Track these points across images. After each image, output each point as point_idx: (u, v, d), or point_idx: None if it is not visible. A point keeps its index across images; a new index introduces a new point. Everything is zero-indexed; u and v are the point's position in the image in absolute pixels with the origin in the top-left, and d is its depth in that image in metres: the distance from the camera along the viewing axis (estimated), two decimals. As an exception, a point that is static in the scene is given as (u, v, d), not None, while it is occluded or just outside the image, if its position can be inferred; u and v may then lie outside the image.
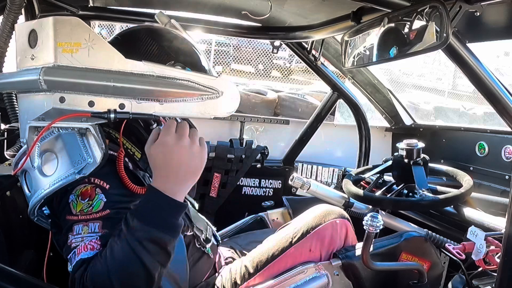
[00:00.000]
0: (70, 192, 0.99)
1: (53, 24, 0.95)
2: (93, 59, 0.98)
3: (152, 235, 0.91)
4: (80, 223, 0.96)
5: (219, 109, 1.10)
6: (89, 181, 0.99)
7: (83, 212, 0.97)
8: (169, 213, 0.96)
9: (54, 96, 0.98)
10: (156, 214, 0.94)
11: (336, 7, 1.51)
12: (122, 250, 0.90)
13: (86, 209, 0.97)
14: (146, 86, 1.02)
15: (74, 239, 0.95)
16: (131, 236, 0.90)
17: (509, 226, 1.08)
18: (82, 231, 0.96)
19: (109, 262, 0.89)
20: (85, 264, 0.92)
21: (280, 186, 2.47)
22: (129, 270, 0.90)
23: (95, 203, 0.98)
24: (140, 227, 0.91)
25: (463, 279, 1.42)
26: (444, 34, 1.07)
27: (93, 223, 0.96)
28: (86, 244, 0.94)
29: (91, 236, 0.95)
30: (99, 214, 0.97)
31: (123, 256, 0.90)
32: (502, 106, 1.31)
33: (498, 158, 2.00)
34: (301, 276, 1.32)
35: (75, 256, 0.94)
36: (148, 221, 0.92)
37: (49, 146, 1.00)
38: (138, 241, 0.90)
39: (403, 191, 1.71)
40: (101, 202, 0.98)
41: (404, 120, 2.54)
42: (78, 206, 0.98)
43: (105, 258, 0.90)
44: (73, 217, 0.97)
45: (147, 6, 1.89)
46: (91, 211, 0.97)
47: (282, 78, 9.66)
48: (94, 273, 0.89)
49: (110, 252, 0.90)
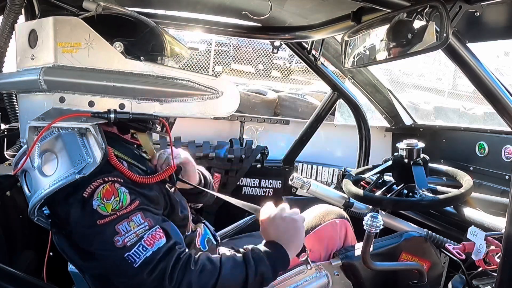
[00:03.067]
0: (91, 199, 0.97)
1: (53, 24, 0.96)
2: (93, 59, 0.99)
3: (265, 272, 1.06)
4: (123, 221, 0.97)
5: (219, 109, 1.10)
6: (104, 181, 0.99)
7: (116, 210, 0.97)
8: (281, 265, 1.11)
9: (54, 96, 0.98)
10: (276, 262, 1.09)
11: (336, 7, 1.51)
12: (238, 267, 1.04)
13: (117, 206, 0.97)
14: (146, 86, 1.03)
15: (127, 238, 0.95)
16: (251, 262, 1.05)
17: (509, 226, 1.08)
18: (130, 227, 0.96)
19: (223, 267, 1.02)
20: (171, 252, 0.97)
21: (280, 186, 2.47)
22: (233, 283, 1.03)
23: (122, 197, 0.98)
24: (262, 262, 1.06)
25: (463, 279, 1.42)
26: (444, 34, 1.06)
27: (136, 216, 0.98)
28: (154, 235, 0.97)
29: (143, 227, 0.97)
30: (134, 205, 0.99)
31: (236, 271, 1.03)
32: (502, 106, 1.31)
33: (498, 158, 2.00)
34: (301, 276, 1.33)
35: (145, 248, 0.95)
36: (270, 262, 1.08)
37: (49, 146, 1.00)
38: (255, 268, 1.04)
39: (403, 191, 1.71)
40: (126, 195, 0.99)
41: (404, 120, 2.54)
42: (108, 207, 0.97)
43: (219, 261, 1.03)
44: (109, 219, 0.96)
45: (147, 6, 1.89)
46: (123, 206, 0.97)
47: (282, 78, 9.66)
48: (206, 266, 1.00)
49: (226, 261, 1.04)
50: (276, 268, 1.09)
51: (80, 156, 0.98)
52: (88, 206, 0.96)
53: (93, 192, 0.97)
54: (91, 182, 0.97)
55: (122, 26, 1.14)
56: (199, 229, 1.38)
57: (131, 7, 1.89)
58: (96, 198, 0.97)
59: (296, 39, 1.95)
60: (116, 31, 1.10)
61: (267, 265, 1.06)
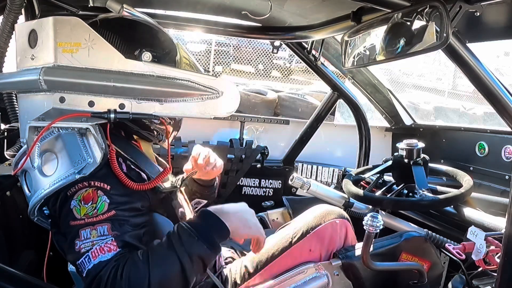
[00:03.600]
0: (71, 198, 0.98)
1: (53, 24, 0.96)
2: (93, 59, 0.99)
3: (201, 252, 0.98)
4: (88, 228, 0.95)
5: (219, 109, 1.10)
6: (89, 185, 0.99)
7: (88, 216, 0.96)
8: (220, 237, 1.03)
9: (54, 96, 0.98)
10: (208, 234, 1.01)
11: (336, 7, 1.51)
12: (168, 258, 0.96)
13: (91, 212, 0.96)
14: (146, 86, 1.02)
15: (83, 244, 0.94)
16: (181, 248, 0.97)
17: (509, 226, 1.08)
18: (90, 236, 0.95)
19: (152, 266, 0.93)
20: (108, 265, 0.92)
21: (280, 186, 2.47)
22: (170, 277, 0.95)
23: (99, 205, 0.97)
24: (192, 242, 0.98)
25: (463, 279, 1.42)
26: (444, 34, 1.06)
27: (101, 226, 0.96)
28: (102, 247, 0.94)
29: (103, 239, 0.95)
30: (106, 216, 0.97)
31: (167, 264, 0.95)
32: (502, 106, 1.31)
33: (498, 158, 2.00)
34: (301, 276, 1.32)
35: (90, 259, 0.93)
36: (202, 238, 0.99)
37: (49, 146, 1.00)
38: (187, 254, 0.96)
39: (403, 191, 1.71)
40: (104, 204, 0.98)
41: (404, 120, 2.54)
42: (82, 211, 0.97)
43: (146, 261, 0.94)
44: (78, 222, 0.96)
45: (147, 6, 1.89)
46: (96, 214, 0.96)
47: (282, 78, 9.65)
48: (133, 273, 0.92)
49: (155, 257, 0.95)
50: (213, 242, 1.01)
51: (80, 156, 0.98)
52: (67, 204, 0.98)
53: (75, 192, 0.98)
54: (78, 183, 0.98)
55: (152, 37, 1.16)
56: None
57: (131, 7, 1.89)
58: (75, 199, 0.97)
59: (296, 39, 1.95)
60: (146, 41, 1.13)
61: (200, 244, 0.99)
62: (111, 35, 1.10)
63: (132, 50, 1.09)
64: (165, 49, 1.16)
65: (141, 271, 0.92)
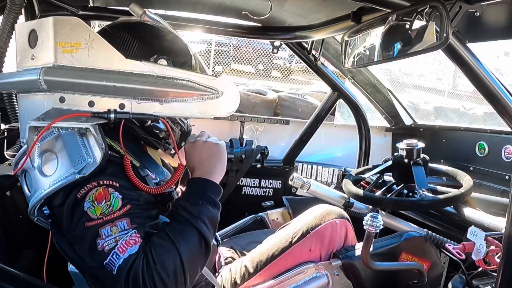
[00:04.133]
0: (83, 200, 0.97)
1: (53, 24, 0.95)
2: (93, 59, 0.98)
3: (210, 213, 1.04)
4: (107, 226, 0.95)
5: (219, 109, 1.10)
6: (98, 184, 0.98)
7: (105, 214, 0.95)
8: (216, 194, 1.09)
9: (54, 96, 0.98)
10: (206, 196, 1.06)
11: (336, 7, 1.51)
12: (186, 230, 0.99)
13: (106, 210, 0.96)
14: (146, 86, 1.02)
15: (106, 242, 0.93)
16: (192, 217, 1.00)
17: (509, 226, 1.08)
18: (112, 232, 0.94)
19: (176, 242, 0.96)
20: (138, 257, 0.93)
21: (280, 186, 2.48)
22: (195, 246, 0.99)
23: (113, 202, 0.97)
24: (199, 208, 1.03)
25: (463, 279, 1.42)
26: (444, 34, 1.06)
27: (120, 222, 0.96)
28: (128, 241, 0.94)
29: (126, 233, 0.95)
30: (122, 211, 0.97)
31: (188, 235, 0.98)
32: (502, 106, 1.31)
33: (498, 158, 2.00)
34: (301, 276, 1.32)
35: (118, 255, 0.92)
36: (205, 202, 1.04)
37: (49, 146, 1.00)
38: (200, 219, 1.01)
39: (403, 191, 1.71)
40: (118, 200, 0.98)
41: (404, 120, 2.54)
42: (97, 211, 0.96)
43: (170, 240, 0.96)
44: (96, 222, 0.95)
45: (147, 6, 1.88)
46: (112, 211, 0.96)
47: (282, 78, 9.66)
48: (163, 254, 0.93)
49: (175, 234, 0.97)
50: (214, 201, 1.07)
51: (80, 156, 0.98)
52: (80, 207, 0.96)
53: (86, 193, 0.97)
54: (87, 184, 0.97)
55: (171, 45, 1.19)
56: None
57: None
58: (88, 200, 0.96)
59: (296, 39, 1.95)
60: (164, 47, 1.16)
61: (206, 206, 1.04)
62: (130, 39, 1.12)
63: (148, 55, 1.12)
64: (182, 58, 1.18)
65: (170, 250, 0.95)
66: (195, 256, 0.99)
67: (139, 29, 1.19)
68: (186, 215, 1.01)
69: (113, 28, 1.19)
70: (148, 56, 1.12)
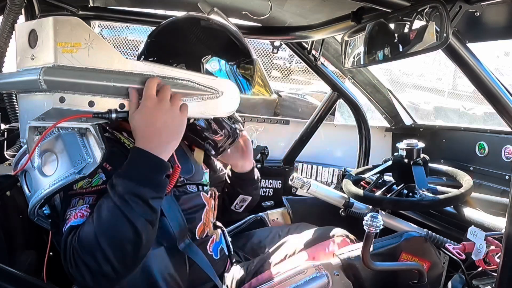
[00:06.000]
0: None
1: (53, 24, 0.95)
2: (93, 59, 0.98)
3: (133, 190, 0.93)
4: (77, 197, 0.99)
5: (219, 109, 1.10)
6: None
7: (82, 188, 1.00)
8: (150, 169, 0.97)
9: (54, 96, 0.98)
10: (137, 170, 0.96)
11: (336, 7, 1.51)
12: (107, 208, 0.92)
13: (85, 185, 1.00)
14: (146, 86, 1.02)
15: (69, 211, 0.98)
16: (114, 194, 0.93)
17: (509, 226, 1.08)
18: (77, 204, 0.98)
19: (96, 222, 0.92)
20: (74, 230, 0.93)
21: (280, 186, 2.47)
22: (116, 228, 0.91)
23: (94, 180, 1.01)
24: (122, 183, 0.93)
25: (463, 279, 1.42)
26: (444, 34, 1.06)
27: (88, 197, 0.99)
28: (76, 213, 0.96)
29: (83, 206, 0.97)
30: (96, 188, 1.00)
31: (108, 213, 0.92)
32: (502, 106, 1.31)
33: (498, 158, 1.99)
34: (301, 276, 1.32)
35: (66, 225, 0.95)
36: (130, 176, 0.95)
37: (49, 146, 1.00)
38: (120, 197, 0.92)
39: (403, 191, 1.71)
40: (99, 180, 1.01)
41: (404, 120, 2.54)
42: (79, 184, 1.00)
43: (92, 219, 0.93)
44: (71, 192, 1.00)
45: (147, 6, 1.89)
46: (89, 187, 1.00)
47: (282, 78, 9.65)
48: (82, 235, 0.91)
49: (97, 213, 0.93)
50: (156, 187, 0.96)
51: (80, 156, 0.98)
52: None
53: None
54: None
55: (231, 47, 1.18)
56: (214, 236, 1.37)
57: (131, 7, 1.90)
58: None
59: (296, 39, 1.95)
60: (220, 48, 1.16)
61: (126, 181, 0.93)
62: (190, 34, 1.14)
63: (202, 53, 1.14)
64: (241, 60, 1.19)
65: (89, 225, 0.92)
66: (114, 236, 0.91)
67: (201, 26, 1.19)
68: (110, 192, 0.94)
69: (179, 21, 1.21)
70: (201, 55, 1.13)
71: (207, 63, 1.12)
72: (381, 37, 1.29)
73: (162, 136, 1.00)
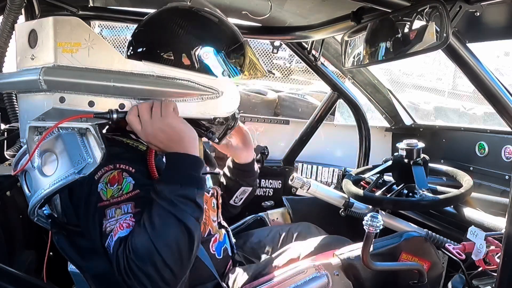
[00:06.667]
0: (98, 182, 0.99)
1: (53, 24, 0.95)
2: (93, 59, 0.99)
3: (179, 191, 0.97)
4: (112, 207, 0.97)
5: (219, 109, 1.10)
6: (114, 167, 1.01)
7: (114, 197, 0.98)
8: (187, 168, 1.01)
9: (54, 96, 0.98)
10: (178, 172, 1.00)
11: (336, 7, 1.51)
12: (158, 214, 0.94)
13: (116, 193, 0.98)
14: (146, 86, 1.02)
15: (109, 223, 0.96)
16: (162, 199, 0.95)
17: (509, 226, 1.08)
18: (115, 214, 0.97)
19: (149, 229, 0.92)
20: (124, 241, 0.93)
21: (280, 186, 2.47)
22: (170, 231, 0.93)
23: (124, 186, 0.99)
24: (166, 187, 0.96)
25: (463, 279, 1.42)
26: (444, 34, 1.06)
27: (126, 205, 0.97)
28: (122, 224, 0.95)
29: (126, 216, 0.96)
30: (130, 195, 0.98)
31: (160, 219, 0.93)
32: (502, 106, 1.31)
33: (498, 158, 1.99)
34: (301, 276, 1.32)
35: (112, 238, 0.94)
36: (173, 180, 0.98)
37: (49, 146, 1.00)
38: (169, 200, 0.95)
39: (403, 191, 1.71)
40: (130, 184, 1.00)
41: (404, 120, 2.54)
42: (108, 193, 0.99)
43: (143, 227, 0.93)
44: (104, 203, 0.98)
45: (147, 6, 1.89)
46: (121, 194, 0.98)
47: (282, 78, 9.65)
48: (137, 245, 0.91)
49: (148, 221, 0.93)
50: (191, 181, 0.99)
51: (80, 156, 0.98)
52: (94, 187, 1.00)
53: (102, 175, 1.00)
54: (104, 166, 1.00)
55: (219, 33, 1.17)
56: (217, 235, 1.37)
57: (131, 7, 1.90)
58: (102, 182, 1.00)
59: (296, 39, 1.95)
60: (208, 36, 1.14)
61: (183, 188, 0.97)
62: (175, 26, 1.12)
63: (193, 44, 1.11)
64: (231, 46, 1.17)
65: (142, 235, 0.92)
66: (170, 240, 0.93)
67: (186, 16, 1.17)
68: (157, 198, 0.96)
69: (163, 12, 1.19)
70: (192, 46, 1.11)
71: (195, 51, 1.11)
72: (381, 37, 1.29)
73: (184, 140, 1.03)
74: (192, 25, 1.14)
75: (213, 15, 1.20)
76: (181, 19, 1.14)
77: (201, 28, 1.16)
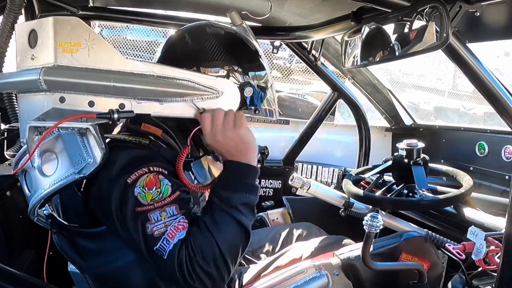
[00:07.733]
0: (133, 186, 0.99)
1: (53, 24, 0.95)
2: (93, 59, 0.98)
3: (245, 200, 1.04)
4: (157, 211, 0.98)
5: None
6: (149, 170, 1.01)
7: (155, 201, 0.99)
8: (250, 178, 1.08)
9: (54, 96, 0.98)
10: (243, 182, 1.06)
11: (336, 7, 1.51)
12: (224, 220, 1.00)
13: (157, 197, 0.99)
14: (146, 86, 1.02)
15: (155, 227, 0.97)
16: (228, 206, 1.01)
17: (509, 226, 1.08)
18: (161, 217, 0.98)
19: (215, 234, 0.98)
20: (185, 243, 0.96)
21: (280, 186, 2.47)
22: (234, 236, 1.01)
23: (163, 189, 1.00)
24: (233, 195, 1.03)
25: (463, 279, 1.42)
26: (444, 34, 1.07)
27: (170, 207, 0.99)
28: (177, 226, 0.97)
29: (175, 218, 0.98)
30: (172, 198, 1.00)
31: (226, 225, 1.00)
32: (502, 106, 1.31)
33: (498, 158, 1.99)
34: (301, 276, 1.32)
35: (168, 240, 0.96)
36: (240, 189, 1.05)
37: (49, 146, 1.00)
38: (236, 208, 1.02)
39: (403, 191, 1.71)
40: (168, 187, 1.01)
41: (404, 120, 2.54)
42: (148, 197, 0.99)
43: (207, 231, 0.98)
44: (146, 208, 0.98)
45: (147, 6, 1.89)
46: (162, 198, 0.99)
47: (282, 78, 9.64)
48: (203, 248, 0.96)
49: (213, 224, 0.99)
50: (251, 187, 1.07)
51: (80, 156, 0.98)
52: (130, 192, 0.99)
53: (136, 179, 1.00)
54: (137, 169, 1.00)
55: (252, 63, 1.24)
56: None
57: (131, 7, 1.90)
58: (138, 186, 0.99)
59: (296, 39, 1.95)
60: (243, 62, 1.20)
61: (243, 194, 1.04)
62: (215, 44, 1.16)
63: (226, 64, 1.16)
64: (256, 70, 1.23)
65: (207, 240, 0.97)
66: (233, 243, 1.00)
67: (229, 37, 1.23)
68: (222, 205, 1.02)
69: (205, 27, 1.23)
70: (224, 64, 1.16)
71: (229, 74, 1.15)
72: (381, 37, 1.29)
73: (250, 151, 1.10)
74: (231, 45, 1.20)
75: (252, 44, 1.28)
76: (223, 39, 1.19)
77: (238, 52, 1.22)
